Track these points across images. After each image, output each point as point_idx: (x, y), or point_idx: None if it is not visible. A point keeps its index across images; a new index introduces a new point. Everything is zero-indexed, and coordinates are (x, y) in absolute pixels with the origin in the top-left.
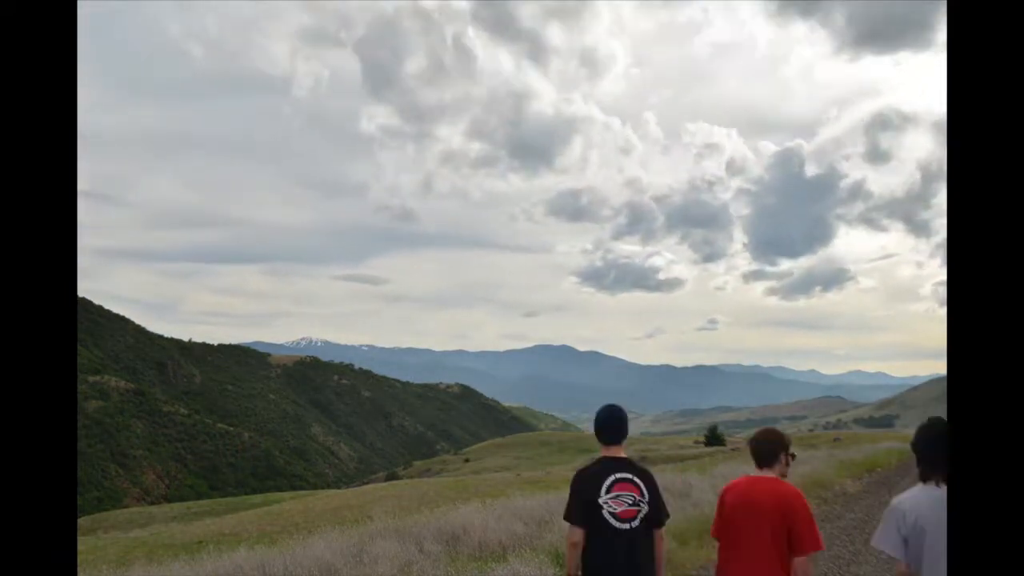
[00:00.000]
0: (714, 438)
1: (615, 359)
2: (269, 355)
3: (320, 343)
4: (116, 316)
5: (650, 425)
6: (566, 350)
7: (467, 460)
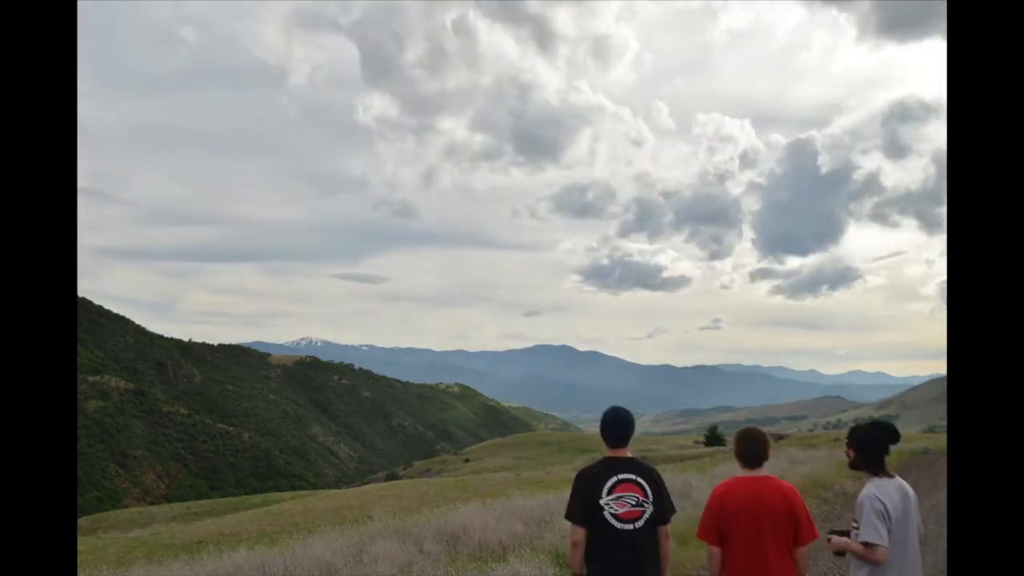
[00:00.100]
0: (714, 438)
1: (615, 359)
2: (269, 355)
3: (320, 343)
4: (116, 316)
5: (650, 425)
6: (566, 350)
7: (467, 460)
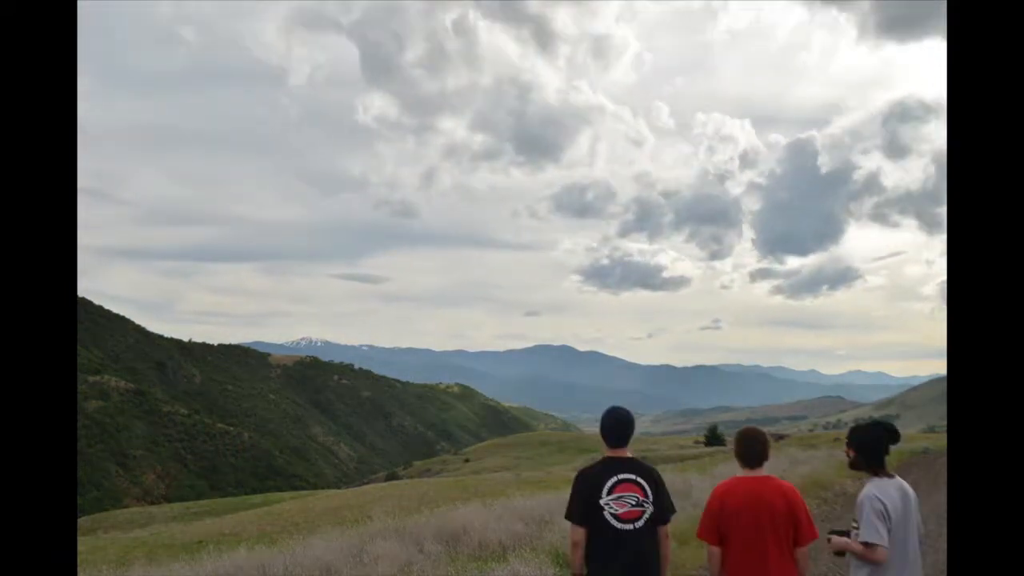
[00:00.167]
0: (714, 438)
1: (615, 359)
2: (269, 355)
3: (320, 343)
4: (116, 316)
5: (650, 425)
6: (566, 350)
7: (467, 460)
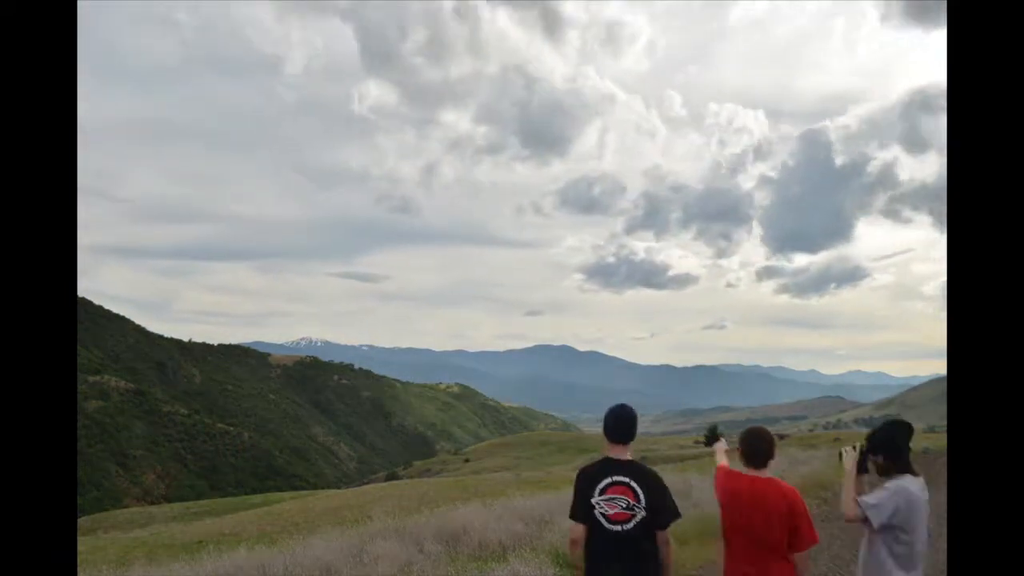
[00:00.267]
0: (714, 438)
1: (615, 359)
2: (269, 355)
3: (320, 343)
4: (116, 316)
5: (650, 425)
6: (566, 350)
7: (467, 460)
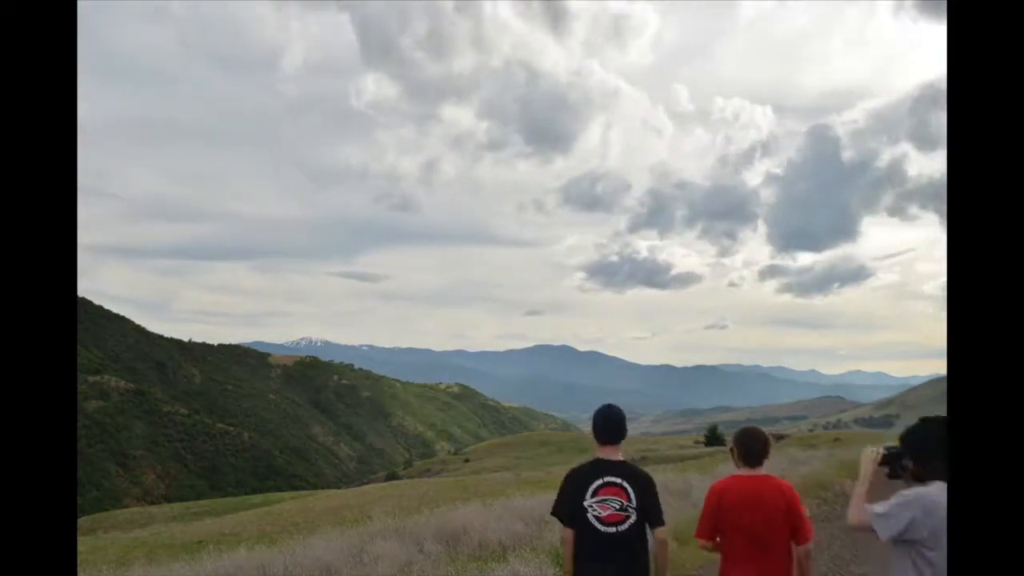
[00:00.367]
0: (714, 438)
1: (615, 359)
2: (269, 355)
3: (320, 343)
4: (116, 316)
5: (650, 425)
6: (566, 350)
7: (467, 460)
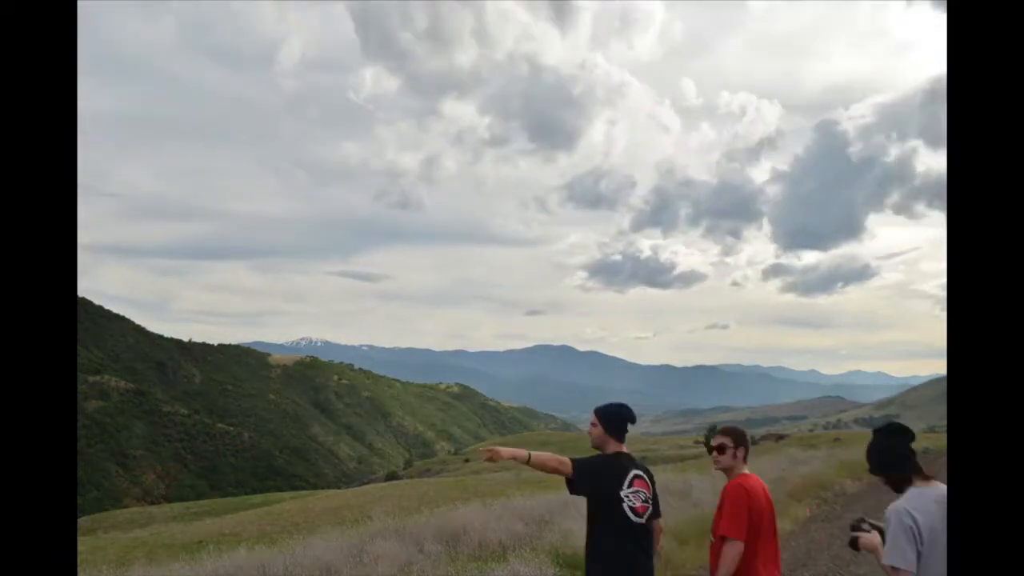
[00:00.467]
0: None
1: (615, 359)
2: (269, 355)
3: (320, 343)
4: (116, 316)
5: (650, 425)
6: (566, 350)
7: (467, 460)
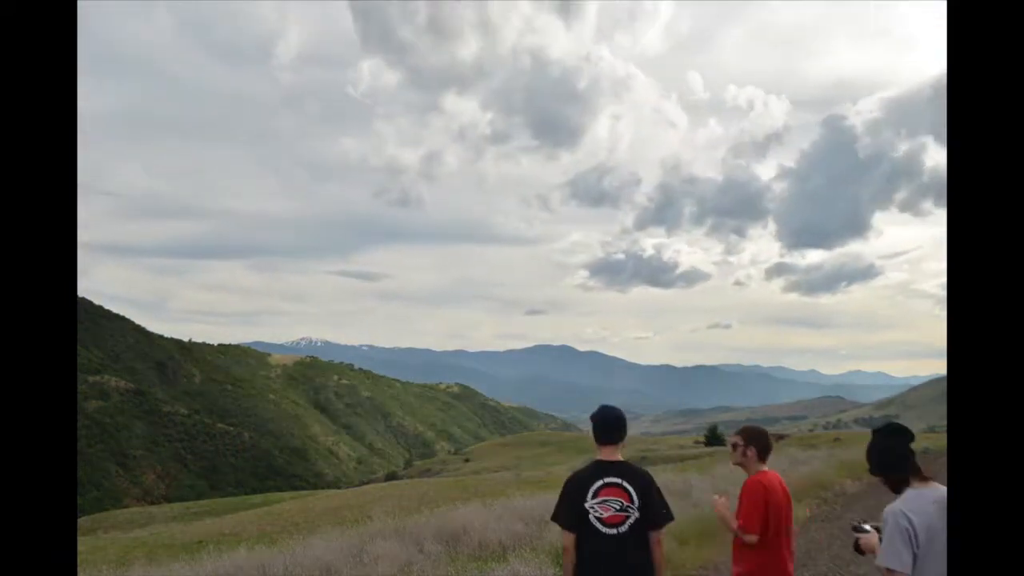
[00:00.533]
0: (714, 438)
1: (616, 359)
2: (269, 355)
3: (320, 343)
4: (116, 316)
5: (650, 425)
6: (566, 350)
7: (467, 460)
